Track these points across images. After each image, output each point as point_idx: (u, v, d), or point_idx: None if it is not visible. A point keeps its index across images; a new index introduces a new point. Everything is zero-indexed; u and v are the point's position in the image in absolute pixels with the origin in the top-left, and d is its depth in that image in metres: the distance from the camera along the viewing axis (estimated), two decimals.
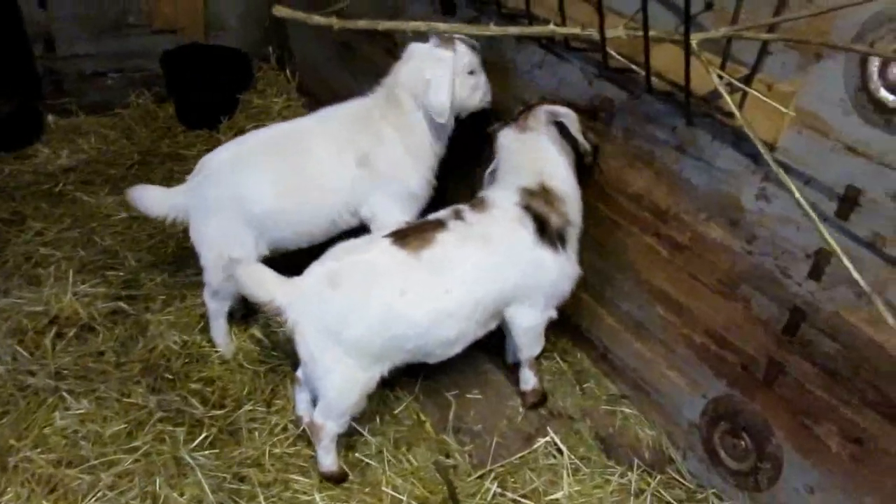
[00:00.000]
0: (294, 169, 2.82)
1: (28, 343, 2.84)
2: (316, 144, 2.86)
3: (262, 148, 2.86)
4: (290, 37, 4.93)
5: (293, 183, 2.80)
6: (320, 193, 2.83)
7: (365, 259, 2.36)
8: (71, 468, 2.40)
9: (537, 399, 2.83)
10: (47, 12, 4.25)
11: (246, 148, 2.87)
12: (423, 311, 2.36)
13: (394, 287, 2.32)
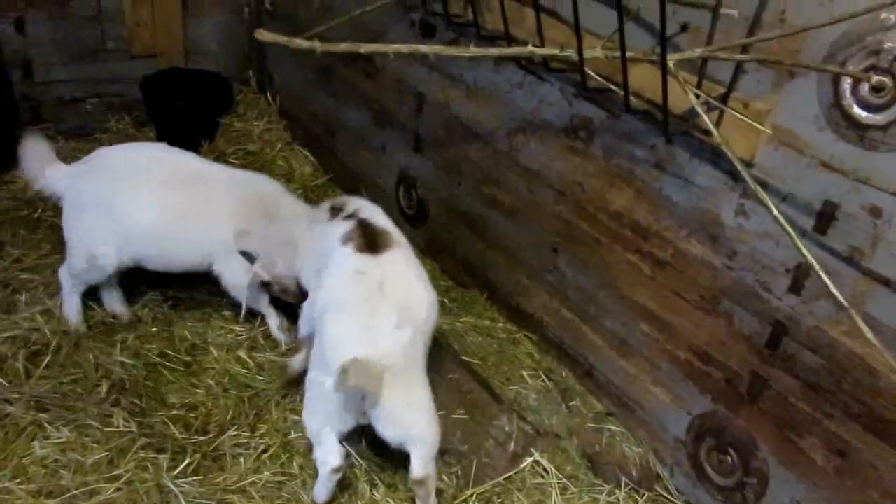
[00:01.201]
0: (183, 210, 2.95)
1: (7, 371, 2.79)
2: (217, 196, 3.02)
3: (163, 171, 3.00)
4: (270, 60, 4.94)
5: (176, 220, 2.94)
6: (195, 242, 3.00)
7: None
8: (51, 498, 2.35)
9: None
10: (25, 38, 4.23)
11: (148, 162, 3.03)
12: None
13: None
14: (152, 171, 3.00)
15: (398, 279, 2.50)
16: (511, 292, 3.35)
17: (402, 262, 2.61)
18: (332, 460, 2.38)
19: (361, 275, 2.47)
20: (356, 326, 2.34)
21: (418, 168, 3.74)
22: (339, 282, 2.50)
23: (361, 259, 2.51)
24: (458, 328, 3.30)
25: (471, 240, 3.51)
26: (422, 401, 2.41)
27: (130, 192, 2.91)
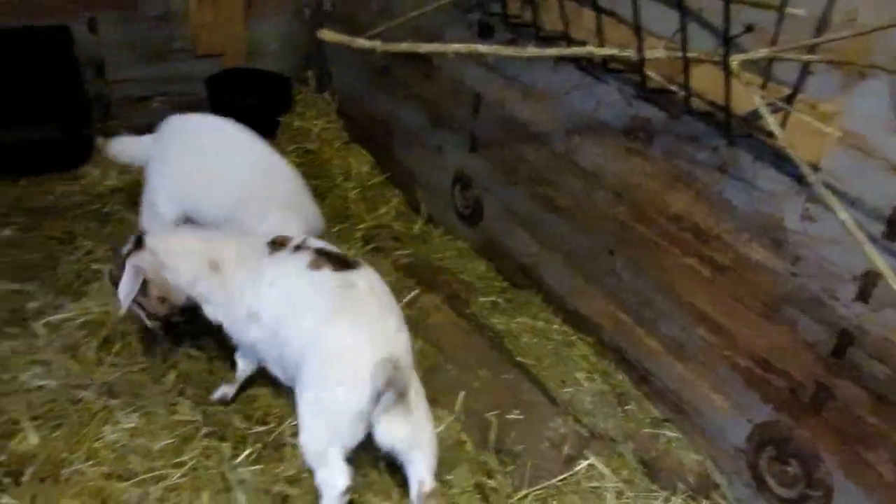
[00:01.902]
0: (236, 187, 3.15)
1: (80, 357, 2.91)
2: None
3: (228, 152, 3.25)
4: (329, 60, 5.03)
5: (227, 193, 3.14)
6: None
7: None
8: (121, 481, 2.45)
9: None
10: (97, 38, 4.40)
11: (200, 131, 3.32)
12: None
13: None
14: (202, 140, 3.30)
15: (383, 288, 2.51)
16: (567, 294, 3.34)
17: (377, 275, 2.56)
18: (341, 481, 2.27)
19: (351, 287, 2.41)
20: (367, 331, 2.31)
21: (474, 168, 3.76)
22: (327, 301, 2.40)
23: (342, 275, 2.44)
24: (513, 329, 3.31)
25: (526, 241, 3.51)
26: (426, 407, 2.42)
27: (191, 163, 3.22)
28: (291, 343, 2.42)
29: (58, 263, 3.45)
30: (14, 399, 2.72)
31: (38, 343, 2.96)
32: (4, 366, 2.85)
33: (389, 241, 3.95)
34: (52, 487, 2.42)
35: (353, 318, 2.34)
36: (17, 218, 3.77)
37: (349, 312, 2.35)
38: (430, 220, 4.17)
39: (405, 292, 3.45)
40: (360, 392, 2.21)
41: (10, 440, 2.57)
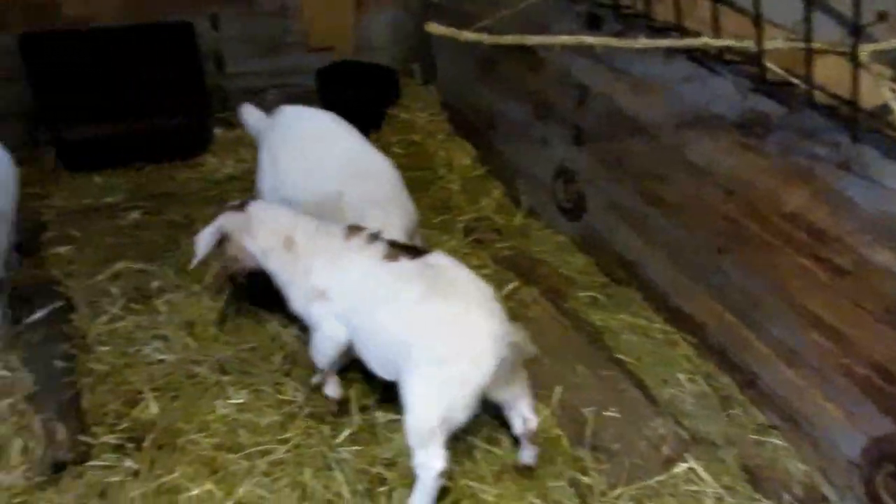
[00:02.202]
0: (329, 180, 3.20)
1: (196, 334, 3.09)
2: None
3: (327, 145, 3.33)
4: (435, 53, 5.09)
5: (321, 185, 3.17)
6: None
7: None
8: (230, 453, 2.59)
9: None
10: (218, 33, 4.63)
11: (320, 129, 3.40)
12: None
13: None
14: (302, 131, 3.41)
15: (458, 266, 2.56)
16: (670, 292, 3.26)
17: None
18: (440, 464, 2.30)
19: (436, 266, 2.49)
20: (475, 304, 2.38)
21: (578, 162, 3.71)
22: (416, 282, 2.45)
23: (422, 259, 2.54)
24: (613, 326, 3.26)
25: (629, 236, 3.45)
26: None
27: (290, 154, 3.32)
28: (386, 328, 2.47)
29: (178, 246, 3.67)
30: (137, 370, 2.92)
31: (160, 319, 3.17)
32: (129, 339, 3.07)
33: (490, 233, 3.96)
34: (169, 454, 2.59)
35: (453, 292, 2.40)
36: (142, 202, 4.04)
37: (448, 288, 2.42)
38: (531, 212, 4.15)
39: (504, 285, 3.46)
40: (484, 366, 2.27)
41: (133, 408, 2.77)
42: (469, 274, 2.52)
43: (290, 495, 2.45)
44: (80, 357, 2.95)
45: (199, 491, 2.44)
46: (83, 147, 4.36)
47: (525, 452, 2.58)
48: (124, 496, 2.43)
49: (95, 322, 3.13)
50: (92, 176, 4.22)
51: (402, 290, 2.47)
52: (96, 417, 2.72)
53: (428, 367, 2.34)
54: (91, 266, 3.47)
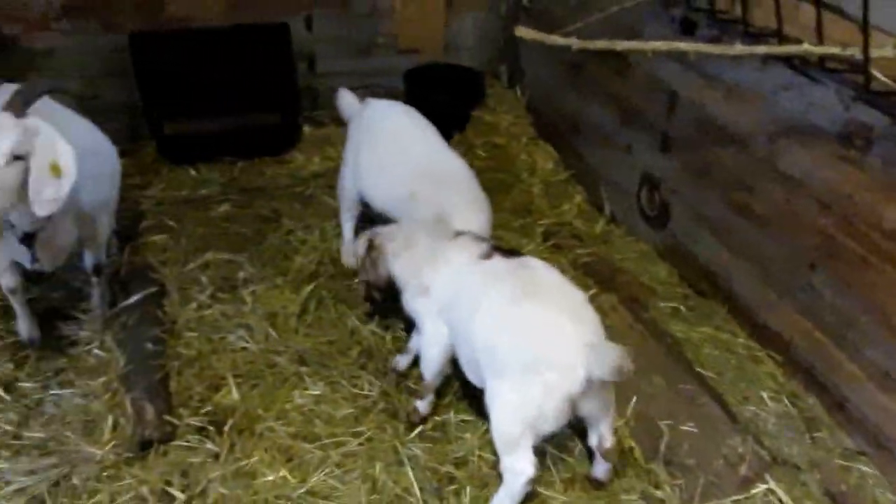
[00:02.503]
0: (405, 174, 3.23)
1: (278, 325, 3.19)
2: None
3: (404, 143, 3.36)
4: (522, 56, 5.07)
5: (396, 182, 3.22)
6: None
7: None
8: (306, 442, 2.66)
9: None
10: (311, 34, 4.76)
11: (400, 126, 3.44)
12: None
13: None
14: (383, 127, 3.46)
15: (548, 267, 2.53)
16: (756, 307, 3.14)
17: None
18: (529, 469, 2.27)
19: (529, 268, 2.48)
20: (567, 312, 2.30)
21: (664, 169, 3.63)
22: (510, 284, 2.41)
23: (515, 260, 2.55)
24: (694, 338, 3.17)
25: (715, 247, 3.34)
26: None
27: (372, 149, 3.37)
28: (474, 326, 2.42)
29: (265, 238, 3.80)
30: (222, 357, 3.04)
31: (245, 309, 3.28)
32: (216, 327, 3.19)
33: (570, 238, 3.92)
34: (248, 440, 2.68)
35: (545, 296, 2.35)
36: (233, 196, 4.20)
37: (541, 291, 2.37)
38: (613, 219, 4.09)
39: (583, 291, 3.41)
40: (574, 377, 2.18)
41: (216, 393, 2.88)
42: (562, 278, 2.49)
43: (360, 488, 2.50)
44: (169, 341, 3.09)
45: (275, 477, 2.53)
46: (181, 141, 4.57)
47: (598, 467, 2.54)
48: (204, 476, 2.54)
49: (185, 308, 3.27)
50: (188, 169, 4.41)
51: (493, 288, 2.43)
52: (182, 400, 2.84)
53: (513, 372, 2.27)
54: (183, 255, 3.62)
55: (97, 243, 3.09)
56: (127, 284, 3.36)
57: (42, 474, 2.54)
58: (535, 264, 2.51)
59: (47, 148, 2.44)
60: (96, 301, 3.23)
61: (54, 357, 3.05)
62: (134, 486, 2.49)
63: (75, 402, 2.84)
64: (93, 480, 2.52)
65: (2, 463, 2.58)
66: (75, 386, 2.91)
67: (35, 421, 2.77)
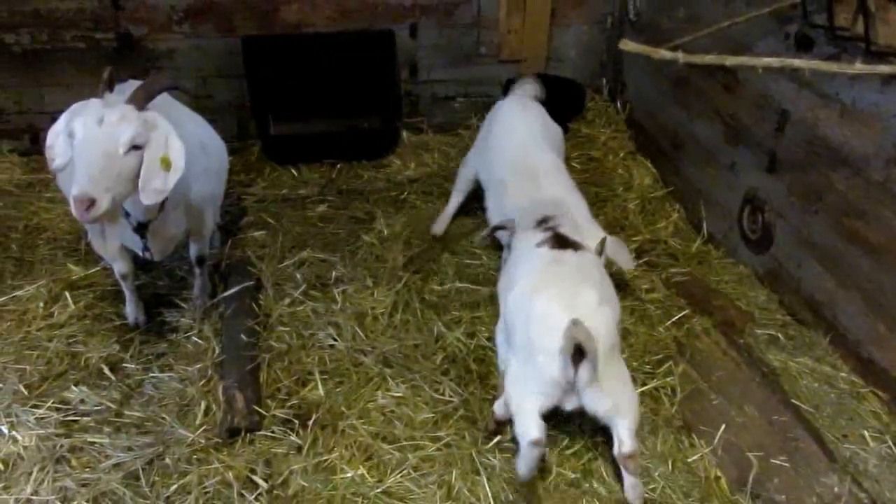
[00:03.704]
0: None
1: (366, 326, 3.25)
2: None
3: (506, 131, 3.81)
4: (625, 69, 4.99)
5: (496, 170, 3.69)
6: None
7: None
8: (385, 442, 2.70)
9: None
10: (415, 41, 4.85)
11: (510, 120, 3.88)
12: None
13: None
14: (500, 119, 3.89)
15: (597, 268, 2.83)
16: (862, 340, 2.96)
17: (595, 259, 2.90)
18: (533, 432, 2.45)
19: (559, 262, 2.77)
20: (561, 300, 2.56)
21: (769, 190, 3.48)
22: (537, 273, 2.75)
23: (557, 252, 2.81)
24: (792, 368, 3.02)
25: (820, 275, 3.18)
26: (627, 377, 2.64)
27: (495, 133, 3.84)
28: (508, 308, 2.81)
29: (358, 239, 3.88)
30: (310, 353, 3.13)
31: (335, 307, 3.37)
32: (306, 323, 3.29)
33: (664, 256, 3.82)
34: (330, 436, 2.75)
35: (552, 289, 2.63)
36: (330, 197, 4.32)
37: (551, 285, 2.65)
38: (711, 240, 3.95)
39: (674, 312, 3.33)
40: (556, 362, 2.45)
41: (303, 387, 2.97)
42: (588, 274, 2.74)
43: (435, 493, 2.51)
44: (262, 334, 3.21)
45: (353, 474, 2.58)
46: (285, 142, 4.74)
47: (626, 484, 2.53)
48: (286, 467, 2.61)
49: (279, 303, 3.39)
50: (290, 169, 4.57)
51: (524, 277, 2.77)
52: (270, 391, 2.94)
53: (520, 355, 2.64)
54: (280, 252, 3.75)
55: (202, 235, 3.25)
56: (226, 277, 3.50)
57: (138, 451, 2.68)
58: (568, 258, 2.79)
59: (161, 141, 2.59)
60: (197, 291, 3.39)
61: (156, 341, 3.22)
62: (221, 472, 2.59)
63: (173, 386, 2.99)
64: (183, 462, 2.64)
65: (103, 438, 2.74)
66: (174, 370, 3.07)
67: (135, 401, 2.93)
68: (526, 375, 2.57)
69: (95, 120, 2.51)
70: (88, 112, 2.54)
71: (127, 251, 3.12)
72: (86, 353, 3.11)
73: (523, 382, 2.57)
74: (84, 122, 2.52)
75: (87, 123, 2.51)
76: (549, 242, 2.86)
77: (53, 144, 2.68)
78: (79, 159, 2.50)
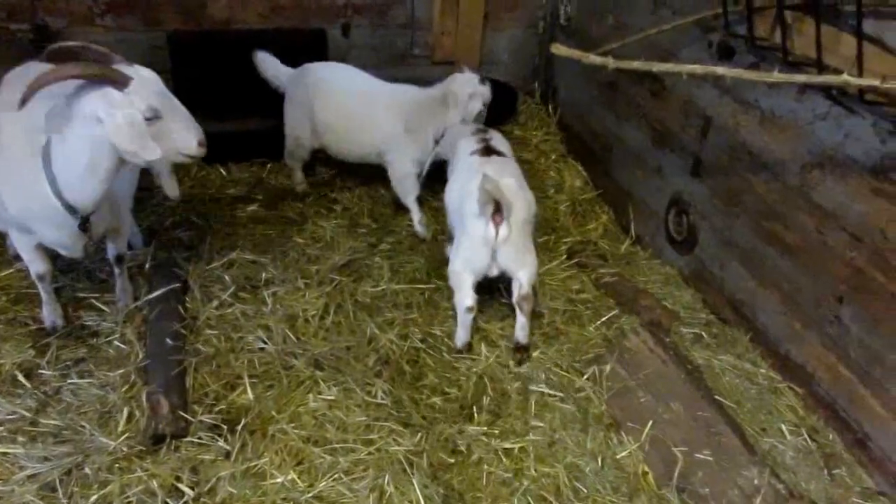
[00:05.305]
0: (355, 114, 4.03)
1: (297, 328, 3.19)
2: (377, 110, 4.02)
3: (345, 85, 4.10)
4: (556, 74, 5.07)
5: (347, 120, 4.03)
6: (361, 136, 4.05)
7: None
8: (316, 446, 2.65)
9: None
10: (348, 41, 4.80)
11: (338, 77, 4.13)
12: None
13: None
14: (337, 83, 4.10)
15: (514, 168, 3.43)
16: (780, 338, 3.09)
17: (515, 163, 3.53)
18: (467, 300, 3.08)
19: (485, 161, 3.33)
20: (490, 172, 3.04)
21: (694, 193, 3.59)
22: (470, 164, 3.34)
23: (486, 158, 3.38)
24: (715, 365, 3.13)
25: (741, 275, 3.30)
26: (533, 250, 3.21)
27: (321, 97, 4.04)
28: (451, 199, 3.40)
29: (289, 241, 3.81)
30: (239, 357, 3.05)
31: (265, 310, 3.29)
32: (235, 326, 3.21)
33: (594, 258, 3.89)
34: (259, 441, 2.69)
35: (481, 175, 3.03)
36: (260, 197, 4.23)
37: (481, 173, 3.06)
38: (639, 241, 4.05)
39: (603, 311, 3.39)
40: (481, 221, 3.01)
41: (231, 392, 2.89)
42: (508, 169, 3.33)
43: (368, 497, 2.49)
44: (188, 337, 3.11)
45: (283, 479, 2.53)
46: (213, 140, 4.60)
47: (518, 323, 3.14)
48: (214, 474, 2.54)
49: (206, 306, 3.29)
50: (218, 168, 4.45)
51: (463, 172, 3.37)
52: (197, 396, 2.86)
53: (458, 231, 3.26)
54: (208, 253, 3.65)
55: (121, 233, 3.14)
56: (151, 279, 3.38)
57: (55, 462, 2.56)
58: (497, 160, 3.37)
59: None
60: (119, 293, 3.27)
61: (75, 346, 3.09)
62: (144, 480, 2.50)
63: (93, 392, 2.87)
64: (104, 471, 2.54)
65: (17, 448, 2.61)
66: (94, 376, 2.94)
67: (52, 408, 2.80)
68: (462, 245, 3.12)
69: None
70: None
71: (45, 251, 2.99)
72: None
73: (460, 255, 3.12)
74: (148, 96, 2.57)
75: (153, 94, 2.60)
76: (479, 152, 3.41)
77: (133, 141, 2.54)
78: (179, 113, 2.72)
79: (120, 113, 2.50)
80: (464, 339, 3.18)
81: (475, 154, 3.42)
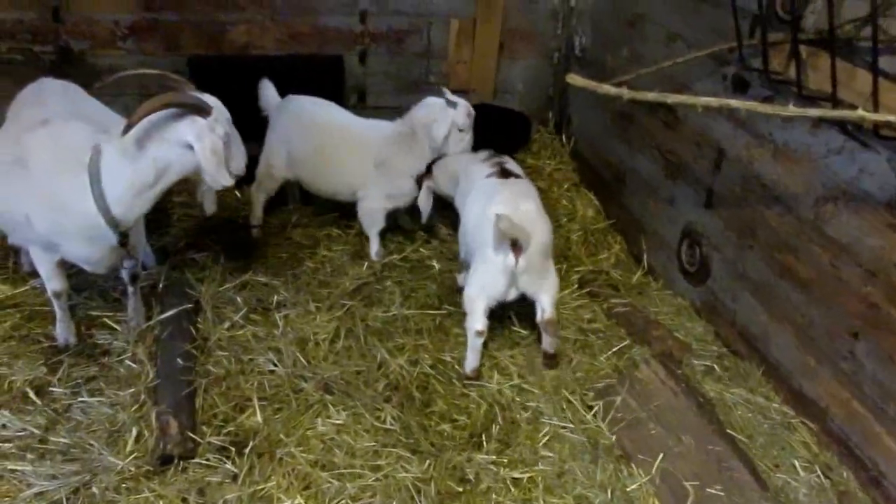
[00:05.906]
0: (327, 148, 3.94)
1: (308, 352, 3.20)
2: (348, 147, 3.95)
3: (323, 119, 4.02)
4: (571, 103, 5.10)
5: (319, 155, 3.95)
6: (333, 172, 3.98)
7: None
8: (324, 471, 2.64)
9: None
10: (365, 68, 4.86)
11: (316, 112, 4.05)
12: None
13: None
14: (316, 117, 4.00)
15: (532, 191, 3.41)
16: (793, 372, 3.06)
17: (531, 185, 3.52)
18: (478, 325, 3.08)
19: (504, 183, 3.38)
20: (510, 205, 3.09)
21: (706, 225, 3.59)
22: (488, 188, 3.35)
23: (503, 180, 3.42)
24: (727, 399, 3.10)
25: (754, 308, 3.28)
26: (553, 271, 3.26)
27: (299, 133, 3.97)
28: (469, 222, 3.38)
29: (301, 264, 3.83)
30: (249, 378, 3.06)
31: (276, 333, 3.30)
32: (246, 348, 3.22)
33: (606, 287, 3.88)
34: (267, 464, 2.68)
35: (497, 198, 3.15)
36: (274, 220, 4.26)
37: (500, 198, 3.15)
38: (651, 272, 4.04)
39: (614, 342, 3.38)
40: (501, 252, 3.02)
41: (240, 414, 2.89)
42: (527, 192, 3.34)
43: None
44: (199, 358, 3.12)
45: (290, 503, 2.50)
46: None
47: (545, 341, 3.23)
48: (220, 496, 2.54)
49: (218, 327, 3.31)
50: (233, 191, 4.49)
51: (481, 196, 3.37)
52: (206, 418, 2.86)
53: (476, 257, 3.22)
54: (221, 274, 3.67)
55: (136, 251, 3.17)
56: (163, 299, 3.40)
57: (63, 480, 2.56)
58: (514, 183, 3.41)
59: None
60: (131, 312, 3.29)
61: (87, 364, 3.10)
62: (151, 501, 2.50)
63: (102, 411, 2.88)
64: (111, 491, 2.54)
65: (26, 465, 2.62)
66: (104, 394, 2.95)
67: (62, 426, 2.81)
68: (479, 271, 3.14)
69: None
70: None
71: (64, 268, 3.02)
72: (10, 376, 2.98)
73: (477, 280, 3.14)
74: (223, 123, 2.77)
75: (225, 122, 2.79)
76: (496, 174, 3.45)
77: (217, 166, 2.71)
78: (237, 139, 2.90)
79: (208, 140, 2.65)
80: (473, 364, 3.16)
81: (492, 177, 3.44)
